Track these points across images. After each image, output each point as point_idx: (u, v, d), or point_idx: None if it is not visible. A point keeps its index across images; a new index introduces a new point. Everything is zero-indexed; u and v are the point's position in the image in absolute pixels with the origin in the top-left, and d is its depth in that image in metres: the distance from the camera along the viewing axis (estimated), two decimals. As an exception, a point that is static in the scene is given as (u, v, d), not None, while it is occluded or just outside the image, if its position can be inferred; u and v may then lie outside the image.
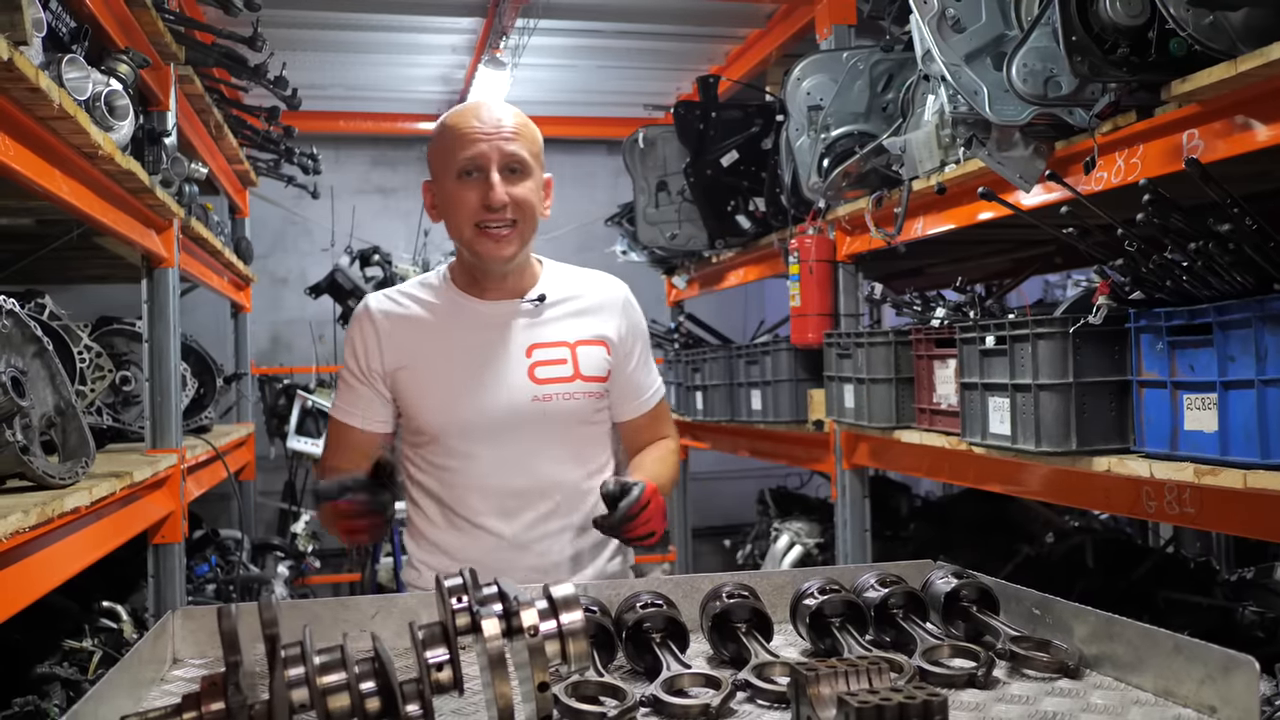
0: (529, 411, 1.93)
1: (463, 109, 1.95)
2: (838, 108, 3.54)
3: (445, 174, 1.92)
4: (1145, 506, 2.24)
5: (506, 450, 1.93)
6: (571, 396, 1.96)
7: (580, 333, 2.00)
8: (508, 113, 1.93)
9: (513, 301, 1.99)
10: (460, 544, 1.94)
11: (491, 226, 1.89)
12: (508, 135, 1.88)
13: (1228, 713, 1.13)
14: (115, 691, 1.22)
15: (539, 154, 1.95)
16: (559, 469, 1.97)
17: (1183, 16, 1.93)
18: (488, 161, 1.87)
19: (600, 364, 2.00)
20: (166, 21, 3.34)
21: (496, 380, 1.94)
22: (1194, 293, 2.05)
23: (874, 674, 1.09)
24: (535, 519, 1.95)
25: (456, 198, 1.91)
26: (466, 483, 1.95)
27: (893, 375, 3.23)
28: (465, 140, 1.88)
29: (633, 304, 2.11)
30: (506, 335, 1.97)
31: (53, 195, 2.33)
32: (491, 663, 1.02)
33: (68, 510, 2.13)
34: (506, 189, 1.87)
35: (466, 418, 1.92)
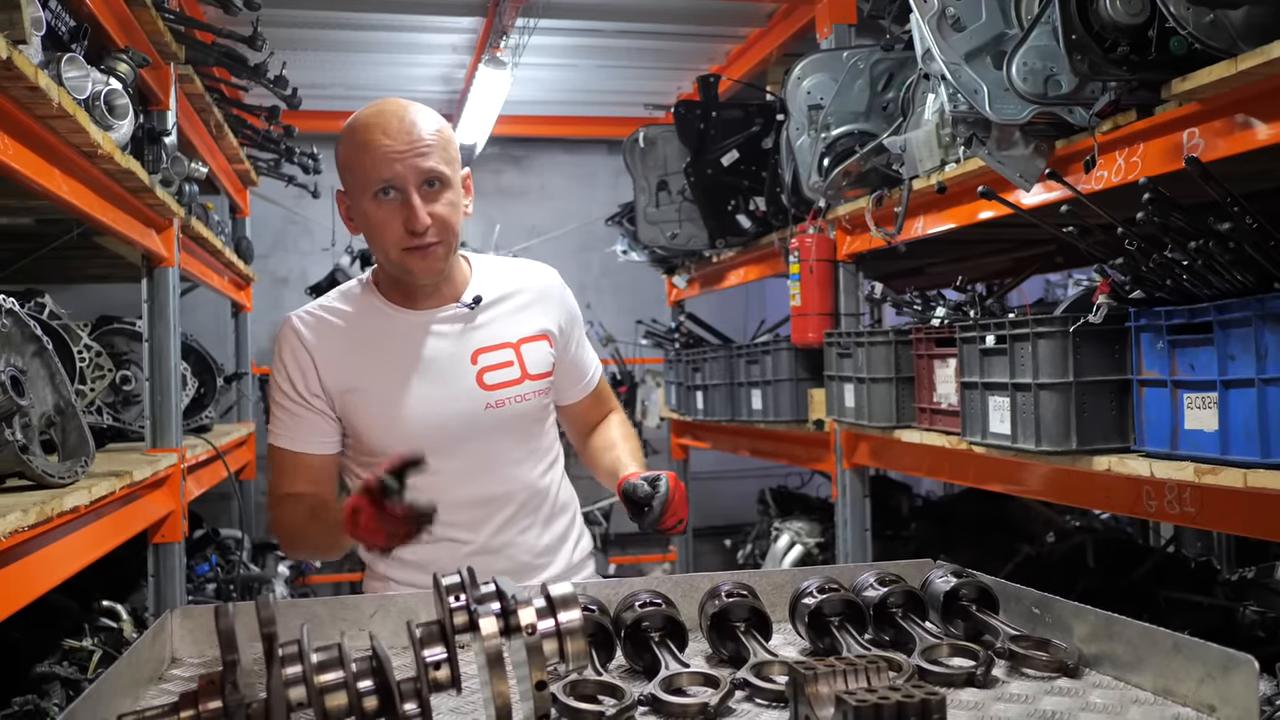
0: (483, 420, 1.89)
1: (371, 119, 1.84)
2: (838, 107, 3.54)
3: (360, 191, 1.83)
4: (1145, 506, 2.23)
5: (465, 461, 1.88)
6: (523, 398, 1.93)
7: (522, 330, 1.96)
8: (419, 119, 1.83)
9: (448, 307, 1.93)
10: (429, 556, 1.84)
11: (418, 247, 1.82)
12: (422, 150, 1.79)
13: (1227, 712, 1.13)
14: (114, 690, 1.22)
15: (455, 156, 1.87)
16: (518, 470, 1.95)
17: (1183, 15, 1.93)
18: (405, 182, 1.79)
19: (545, 359, 1.98)
20: (166, 21, 3.34)
21: (447, 393, 1.88)
22: (1194, 292, 2.05)
23: (872, 673, 1.09)
24: (502, 522, 1.93)
25: (376, 219, 1.82)
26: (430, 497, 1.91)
27: (893, 375, 3.23)
28: (379, 160, 1.79)
29: (566, 290, 2.08)
30: (448, 344, 1.91)
31: (52, 194, 2.33)
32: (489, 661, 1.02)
33: (67, 509, 2.12)
34: (428, 208, 1.80)
35: (420, 435, 1.83)
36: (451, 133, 1.90)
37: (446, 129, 1.88)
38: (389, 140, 1.79)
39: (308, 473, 1.91)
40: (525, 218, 7.08)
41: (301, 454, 1.91)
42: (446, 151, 1.84)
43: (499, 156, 7.35)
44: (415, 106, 1.87)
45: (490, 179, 7.47)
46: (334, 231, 6.92)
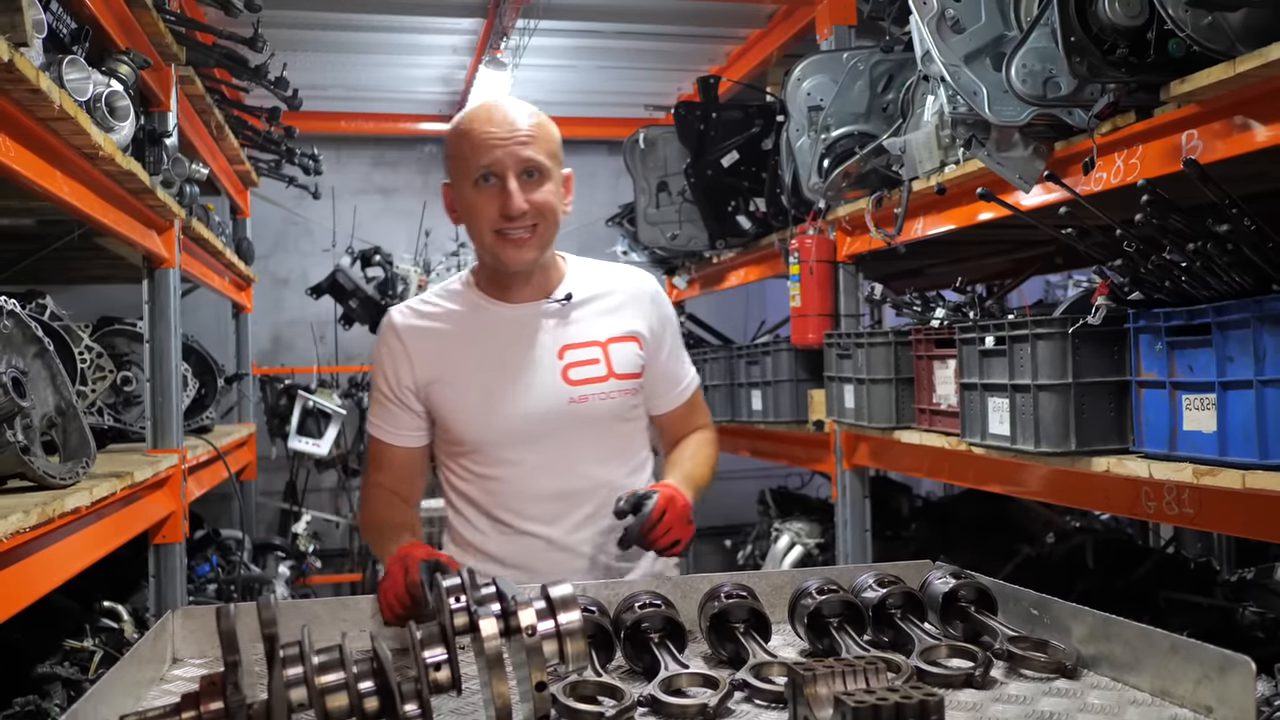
0: (566, 414, 1.92)
1: (477, 112, 1.91)
2: (838, 108, 3.54)
3: (462, 180, 1.90)
4: (1144, 507, 2.24)
5: (547, 454, 1.92)
6: (607, 396, 1.95)
7: (611, 330, 1.98)
8: (523, 114, 1.89)
9: (539, 303, 1.97)
10: (507, 549, 1.93)
11: (511, 233, 1.87)
12: (523, 139, 1.85)
13: (1224, 713, 1.13)
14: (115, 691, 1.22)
15: (557, 153, 1.92)
16: (600, 469, 1.95)
17: (1181, 17, 1.93)
18: (504, 168, 1.84)
19: (633, 360, 1.98)
20: (167, 22, 3.34)
21: (531, 385, 1.92)
22: (1193, 293, 2.05)
23: (871, 674, 1.10)
24: (580, 520, 1.94)
25: (475, 205, 1.88)
26: (509, 489, 1.94)
27: (893, 375, 3.24)
28: (481, 146, 1.85)
29: (662, 296, 2.09)
30: (537, 338, 1.95)
31: (53, 196, 2.34)
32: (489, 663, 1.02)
33: (68, 510, 2.13)
34: (525, 195, 1.84)
35: (504, 426, 1.90)
36: (556, 131, 1.94)
37: (550, 126, 1.93)
38: (492, 128, 1.86)
39: (393, 464, 1.99)
40: (526, 218, 7.09)
41: (390, 445, 1.99)
42: (549, 145, 1.90)
43: (499, 157, 7.35)
44: (522, 103, 1.93)
45: (490, 180, 7.47)
46: (334, 232, 6.93)
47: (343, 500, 7.08)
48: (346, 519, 7.03)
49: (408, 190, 7.37)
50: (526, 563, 1.90)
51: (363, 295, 6.40)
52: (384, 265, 6.47)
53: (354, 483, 7.00)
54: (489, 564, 1.95)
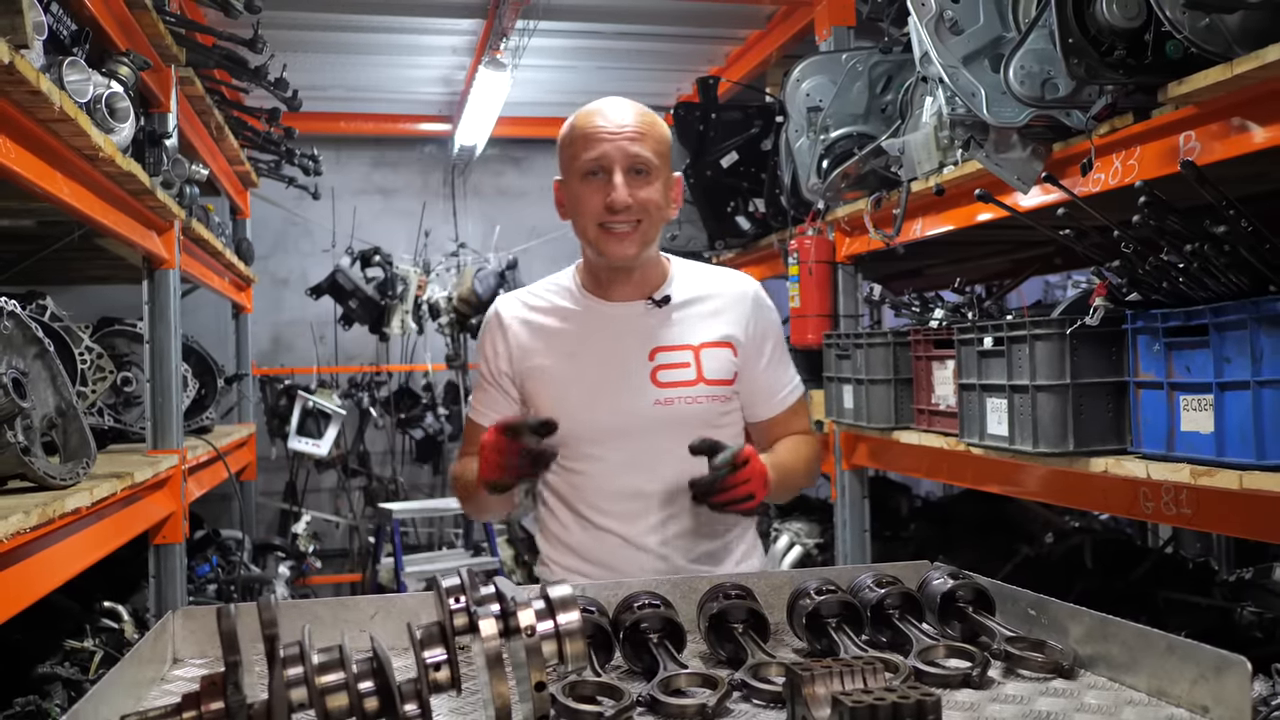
0: (651, 415, 1.93)
1: (590, 108, 1.94)
2: (837, 109, 3.55)
3: (571, 174, 1.92)
4: (1142, 507, 2.24)
5: (628, 453, 1.93)
6: (694, 400, 1.94)
7: (705, 335, 1.98)
8: (634, 112, 1.91)
9: (637, 303, 1.98)
10: (588, 545, 1.96)
11: (614, 227, 1.89)
12: (632, 135, 1.87)
13: (1220, 712, 1.14)
14: (116, 691, 1.22)
15: (666, 154, 1.93)
16: (680, 474, 1.90)
17: (1179, 19, 1.94)
18: (611, 163, 1.87)
19: (726, 367, 1.97)
20: (167, 24, 3.35)
21: (619, 383, 1.94)
22: (1190, 294, 2.06)
23: (869, 674, 1.10)
24: (658, 522, 1.94)
25: (581, 198, 1.91)
26: (591, 485, 1.96)
27: (891, 376, 3.24)
28: (590, 141, 1.88)
29: (763, 301, 2.06)
30: (630, 338, 1.96)
31: (54, 197, 2.34)
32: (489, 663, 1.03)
33: (69, 511, 2.13)
34: (630, 190, 1.87)
35: (590, 421, 1.92)
36: (667, 133, 1.96)
37: (661, 127, 1.95)
38: (603, 123, 1.89)
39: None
40: (525, 218, 7.10)
41: (480, 425, 2.00)
42: (659, 147, 1.92)
43: (499, 158, 7.36)
44: (636, 104, 1.96)
45: (490, 180, 7.48)
46: (334, 233, 6.94)
47: (342, 500, 7.09)
48: (346, 519, 7.04)
49: (407, 191, 7.38)
50: (605, 559, 1.94)
51: (362, 295, 6.41)
52: (384, 266, 6.48)
53: (354, 483, 7.01)
54: (571, 557, 1.98)
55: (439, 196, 7.42)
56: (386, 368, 7.09)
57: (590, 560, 1.96)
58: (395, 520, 5.98)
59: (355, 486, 7.05)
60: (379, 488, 6.94)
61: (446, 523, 7.12)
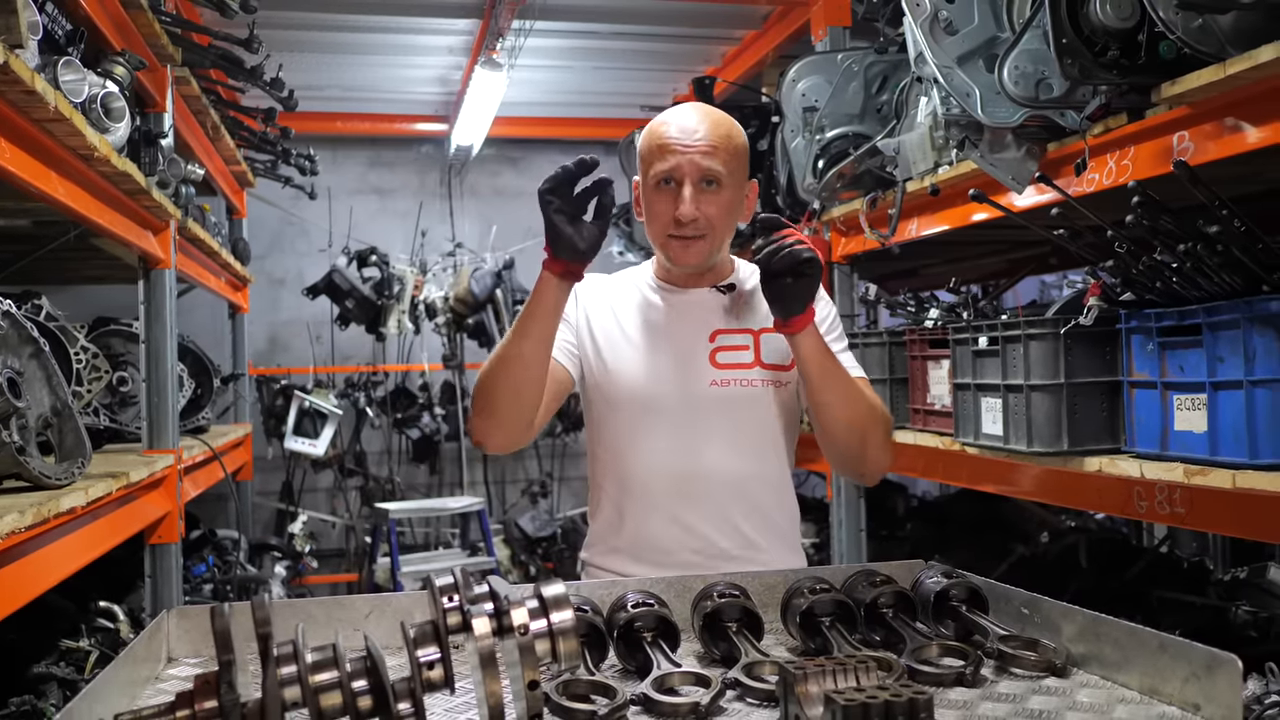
0: (706, 395, 1.95)
1: (670, 116, 1.96)
2: (832, 109, 3.55)
3: (646, 180, 1.96)
4: (1136, 506, 2.25)
5: (681, 432, 1.94)
6: (749, 383, 1.97)
7: (765, 320, 1.98)
8: (709, 123, 1.92)
9: (702, 289, 2.03)
10: (636, 523, 1.96)
11: (680, 236, 1.92)
12: (705, 149, 1.89)
13: (1211, 710, 1.14)
14: (110, 690, 1.23)
15: (740, 165, 1.94)
16: (730, 456, 1.96)
17: (1172, 19, 1.94)
18: (682, 174, 1.89)
19: (784, 352, 1.97)
20: (163, 23, 3.35)
21: (678, 360, 1.96)
22: (1183, 294, 2.06)
23: (862, 672, 1.11)
24: (703, 503, 1.95)
25: (653, 205, 1.95)
26: (640, 460, 1.96)
27: (887, 375, 3.25)
28: (663, 151, 1.91)
29: (822, 293, 2.05)
30: (693, 318, 2.00)
31: (49, 197, 2.34)
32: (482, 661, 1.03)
33: (64, 510, 2.13)
34: (698, 202, 1.89)
35: (645, 395, 1.94)
36: (743, 144, 1.96)
37: (740, 138, 1.96)
38: (677, 134, 1.91)
39: None
40: (522, 219, 7.10)
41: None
42: (733, 159, 1.92)
43: (495, 158, 7.36)
44: (717, 113, 1.97)
45: (487, 180, 7.48)
46: (330, 233, 6.94)
47: (339, 500, 7.08)
48: (342, 519, 7.04)
49: (404, 191, 7.38)
50: (649, 539, 1.94)
51: (359, 295, 6.41)
52: (380, 265, 6.49)
53: (350, 482, 7.01)
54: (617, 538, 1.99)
55: (435, 196, 7.42)
56: (383, 368, 7.09)
57: (635, 540, 1.96)
58: (391, 520, 5.98)
59: (352, 486, 7.05)
60: (375, 487, 6.94)
61: (443, 523, 7.12)
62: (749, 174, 1.98)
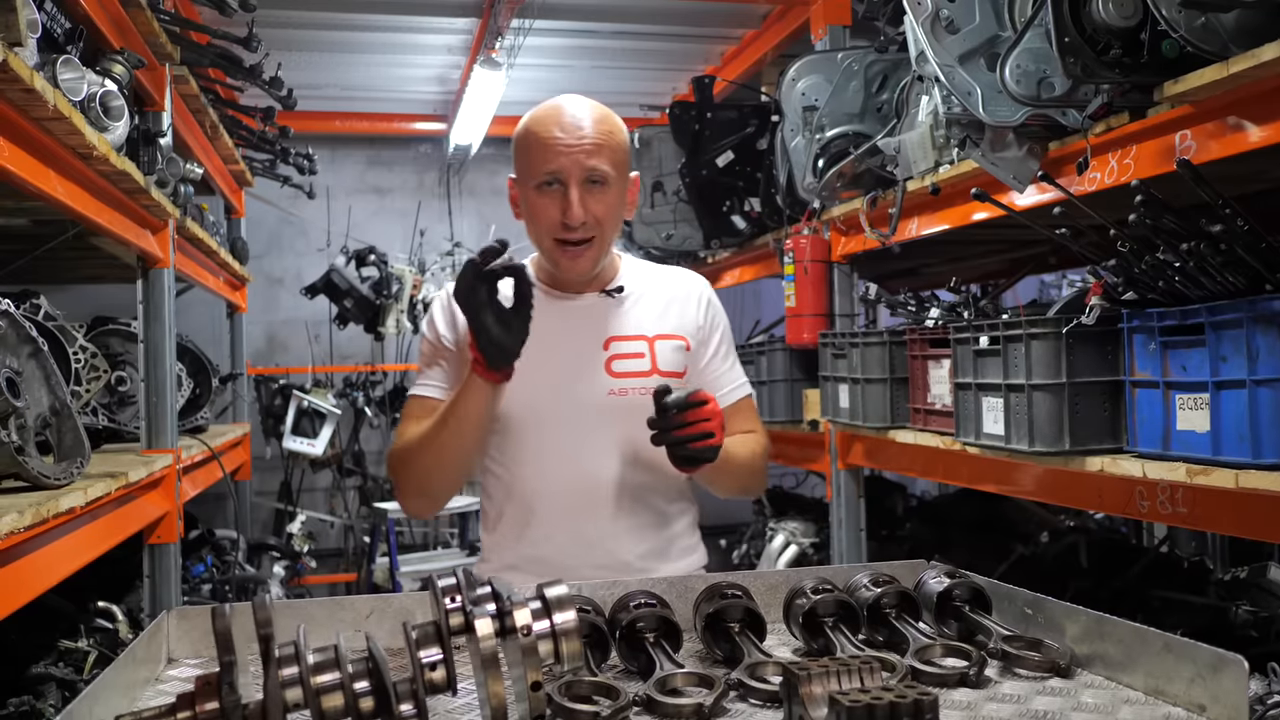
0: (604, 405, 1.90)
1: (546, 112, 1.89)
2: (832, 108, 3.55)
3: (526, 180, 1.88)
4: (1138, 506, 2.24)
5: (579, 445, 1.89)
6: (647, 391, 1.88)
7: (659, 326, 1.97)
8: (592, 118, 1.87)
9: (591, 294, 1.97)
10: (530, 537, 1.91)
11: (569, 242, 1.86)
12: (589, 147, 1.83)
13: (1217, 711, 1.14)
14: (110, 691, 1.22)
15: (624, 160, 1.89)
16: (630, 467, 1.92)
17: (1174, 18, 1.94)
18: (568, 176, 1.83)
19: (678, 359, 1.96)
20: (161, 22, 3.34)
21: (573, 372, 1.91)
22: (1186, 293, 2.06)
23: (866, 673, 1.10)
24: (605, 516, 1.91)
25: (536, 208, 1.87)
26: (537, 475, 1.91)
27: (887, 375, 3.24)
28: (546, 151, 1.83)
29: (713, 299, 2.07)
30: (585, 327, 1.94)
31: (47, 196, 2.33)
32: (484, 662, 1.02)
33: (63, 510, 2.13)
34: (586, 204, 1.83)
35: (540, 407, 1.87)
36: (625, 136, 1.92)
37: (620, 132, 1.90)
38: (560, 133, 1.84)
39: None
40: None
41: (431, 398, 1.92)
42: (615, 154, 1.87)
43: (494, 157, 7.35)
44: (593, 105, 1.91)
45: (486, 179, 7.47)
46: (329, 232, 6.93)
47: (337, 500, 7.08)
48: (341, 519, 7.03)
49: (403, 190, 7.38)
50: (547, 554, 1.88)
51: (357, 295, 6.40)
52: (379, 265, 6.48)
53: (349, 482, 7.00)
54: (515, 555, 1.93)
55: (434, 196, 7.41)
56: (381, 367, 7.08)
57: (532, 556, 1.90)
58: (390, 520, 5.97)
59: (350, 486, 7.04)
60: (374, 487, 6.93)
61: (441, 522, 7.11)
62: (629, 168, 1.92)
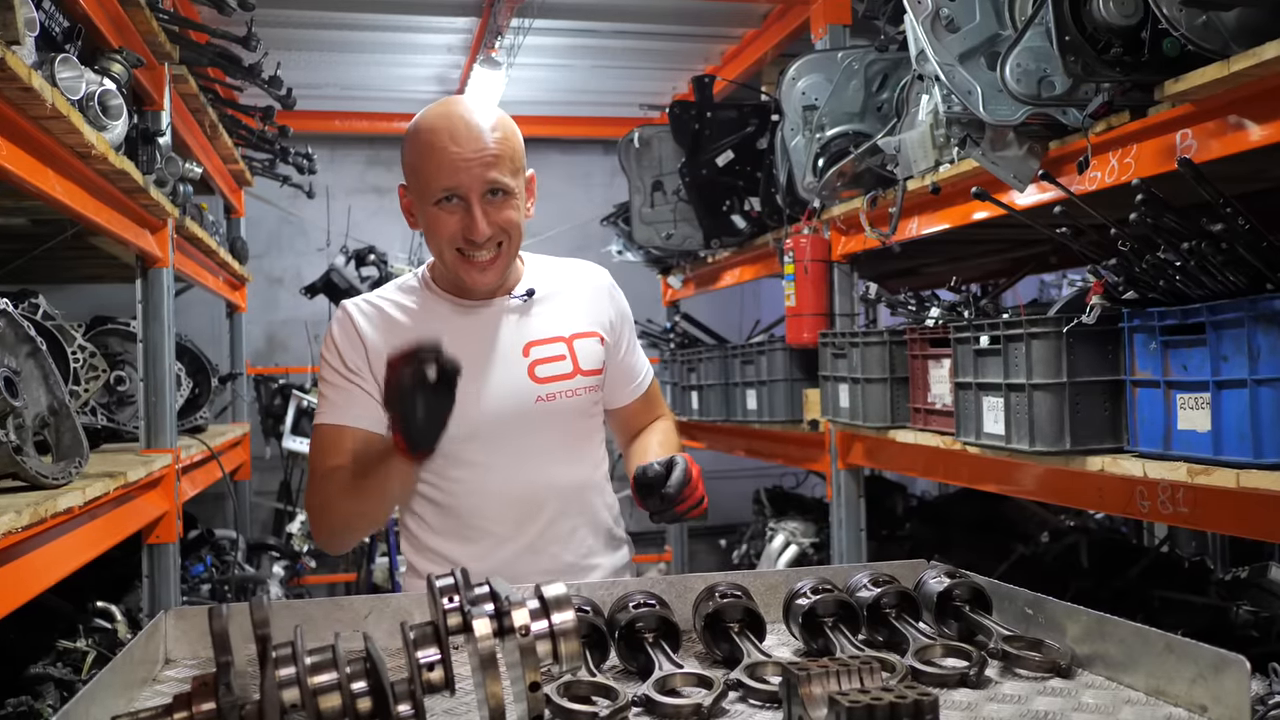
0: (533, 413, 1.87)
1: (437, 121, 1.79)
2: (833, 107, 3.54)
3: (423, 194, 1.80)
4: (1139, 506, 2.24)
5: (513, 454, 1.86)
6: (574, 394, 1.90)
7: (574, 325, 1.95)
8: (487, 126, 1.78)
9: (500, 300, 1.91)
10: (470, 553, 1.84)
11: (476, 256, 1.81)
12: (489, 159, 1.76)
13: (1218, 712, 1.13)
14: (107, 691, 1.22)
15: (521, 166, 1.83)
16: (565, 468, 1.91)
17: (1175, 16, 1.93)
18: (468, 191, 1.76)
19: (596, 356, 1.95)
20: (161, 21, 3.33)
21: (497, 384, 1.86)
22: (1187, 292, 2.05)
23: (865, 673, 1.09)
24: (547, 521, 1.89)
25: (436, 221, 1.80)
26: (473, 491, 1.86)
27: (887, 375, 3.24)
28: (443, 167, 1.76)
29: (616, 289, 2.06)
30: (500, 335, 1.89)
31: (46, 195, 2.33)
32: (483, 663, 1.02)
33: (61, 510, 2.12)
34: (490, 216, 1.77)
35: (467, 426, 1.77)
36: (519, 140, 1.85)
37: (514, 135, 1.84)
38: (456, 148, 1.76)
39: (352, 447, 1.81)
40: (520, 218, 7.09)
41: (346, 428, 1.82)
42: (513, 161, 1.82)
43: (494, 157, 7.35)
44: (483, 110, 1.82)
45: (485, 179, 7.46)
46: (329, 232, 6.92)
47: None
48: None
49: (402, 190, 7.37)
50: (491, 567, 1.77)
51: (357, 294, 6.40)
52: (378, 265, 6.47)
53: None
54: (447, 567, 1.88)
55: (434, 195, 7.40)
56: (381, 367, 7.07)
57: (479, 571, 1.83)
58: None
59: (350, 486, 7.02)
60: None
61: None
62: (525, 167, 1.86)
